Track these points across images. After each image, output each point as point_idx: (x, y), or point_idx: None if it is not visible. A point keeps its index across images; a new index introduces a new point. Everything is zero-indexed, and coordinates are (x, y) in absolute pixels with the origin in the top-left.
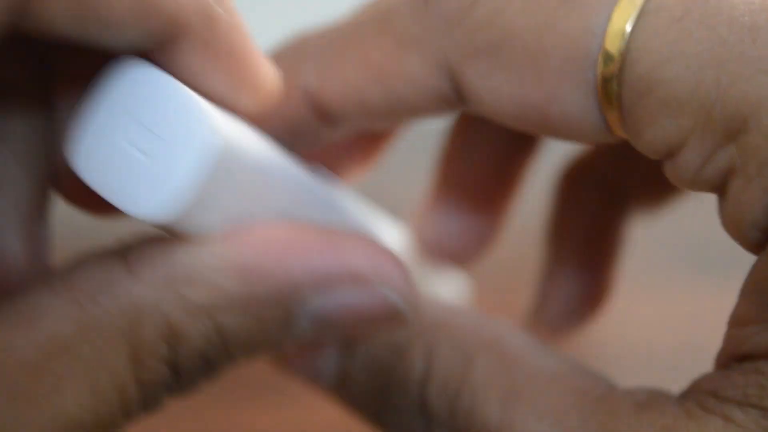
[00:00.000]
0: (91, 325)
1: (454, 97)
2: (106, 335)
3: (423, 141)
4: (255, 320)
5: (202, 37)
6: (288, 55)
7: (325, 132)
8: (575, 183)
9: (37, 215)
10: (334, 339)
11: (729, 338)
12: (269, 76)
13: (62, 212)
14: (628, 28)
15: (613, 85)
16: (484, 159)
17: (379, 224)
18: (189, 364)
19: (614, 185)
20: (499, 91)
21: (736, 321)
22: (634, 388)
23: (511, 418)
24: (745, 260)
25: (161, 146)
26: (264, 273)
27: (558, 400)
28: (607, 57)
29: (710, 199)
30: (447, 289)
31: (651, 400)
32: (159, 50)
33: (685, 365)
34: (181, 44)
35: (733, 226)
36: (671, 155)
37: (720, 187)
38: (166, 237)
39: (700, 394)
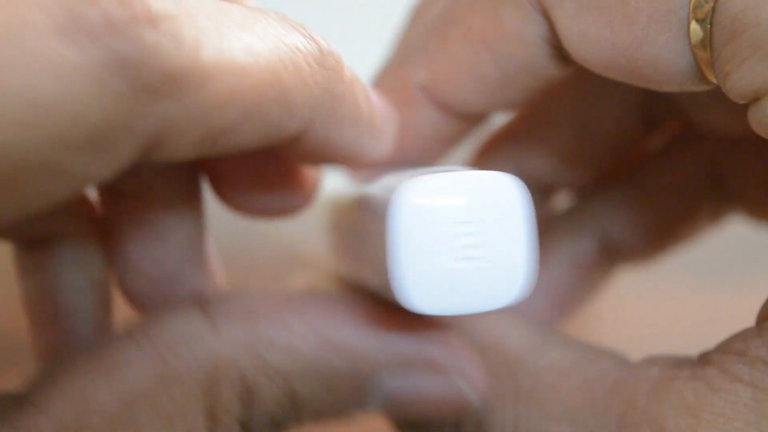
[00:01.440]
0: (171, 378)
1: (556, 40)
2: (185, 388)
3: None
4: (328, 390)
5: (330, 125)
6: (393, 60)
7: (454, 125)
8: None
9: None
10: (401, 416)
11: None
12: (391, 118)
13: None
14: None
15: (705, 24)
16: None
17: None
18: (259, 423)
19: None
20: (587, 33)
21: None
22: (645, 361)
23: (527, 426)
24: (749, 264)
25: (484, 260)
26: (345, 346)
27: (570, 398)
28: None
29: None
30: None
31: (666, 376)
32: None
33: None
34: (309, 135)
35: None
36: (758, 99)
37: None
38: (245, 292)
39: (725, 357)
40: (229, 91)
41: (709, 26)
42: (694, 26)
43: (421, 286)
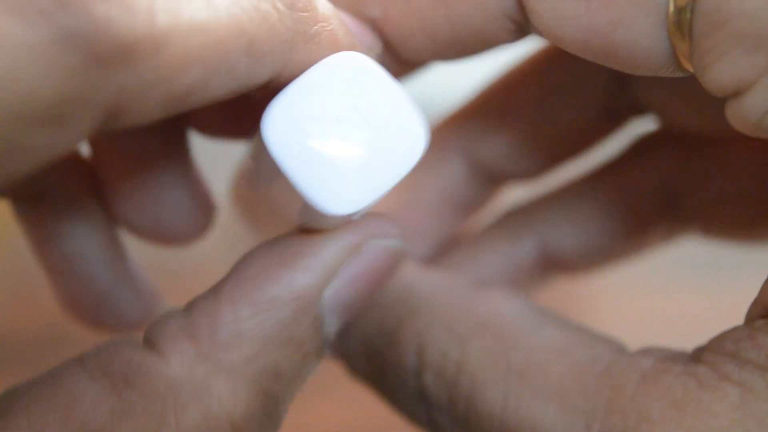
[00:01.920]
0: (126, 412)
1: (519, 17)
2: (142, 421)
3: None
4: (294, 348)
5: (306, 66)
6: None
7: (393, 65)
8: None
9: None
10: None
11: (765, 290)
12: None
13: None
14: None
15: (686, 13)
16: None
17: None
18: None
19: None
20: (562, 12)
21: None
22: (641, 352)
23: (515, 404)
24: (745, 262)
25: (373, 138)
26: (277, 302)
27: (561, 379)
28: None
29: None
30: None
31: (659, 368)
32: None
33: None
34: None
35: None
36: (738, 93)
37: None
38: (177, 310)
39: (717, 356)
40: (188, 52)
41: (689, 15)
42: (674, 13)
43: (330, 188)
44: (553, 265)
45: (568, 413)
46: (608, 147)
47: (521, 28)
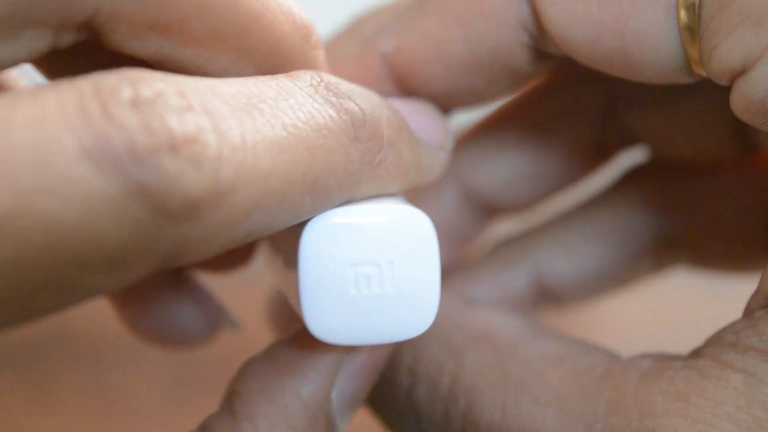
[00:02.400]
0: None
1: (533, 27)
2: None
3: None
4: None
5: (373, 189)
6: (364, 27)
7: None
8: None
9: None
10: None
11: (765, 280)
12: None
13: None
14: None
15: (695, 3)
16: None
17: None
18: None
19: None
20: (573, 10)
21: None
22: (638, 356)
23: (515, 412)
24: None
25: (388, 299)
26: (289, 410)
27: (560, 385)
28: None
29: None
30: None
31: (657, 366)
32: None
33: None
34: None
35: None
36: (745, 70)
37: None
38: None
39: (717, 348)
40: (252, 200)
41: (698, 1)
42: (683, 5)
43: (326, 314)
44: (545, 294)
45: (569, 417)
46: (600, 178)
47: (535, 41)
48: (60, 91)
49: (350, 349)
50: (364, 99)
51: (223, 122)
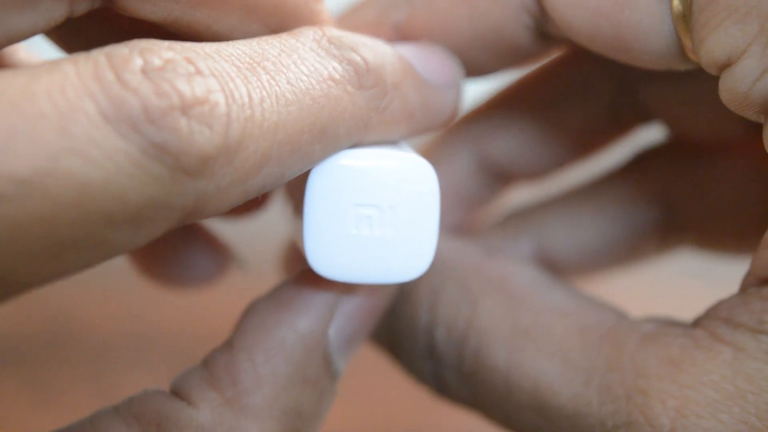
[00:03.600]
0: None
1: (536, 10)
2: None
3: None
4: (311, 386)
5: (381, 132)
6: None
7: None
8: None
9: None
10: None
11: (757, 260)
12: None
13: None
14: None
15: None
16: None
17: None
18: None
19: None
20: None
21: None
22: (644, 318)
23: (519, 359)
24: (737, 266)
25: (387, 240)
26: (286, 344)
27: (565, 338)
28: None
29: None
30: None
31: (659, 331)
32: None
33: None
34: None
35: None
36: (730, 63)
37: None
38: (198, 367)
39: (712, 321)
40: (261, 153)
41: None
42: None
43: (326, 250)
44: (547, 267)
45: (569, 370)
46: (609, 156)
47: (538, 24)
48: (77, 62)
49: (348, 289)
50: (366, 48)
51: (230, 82)
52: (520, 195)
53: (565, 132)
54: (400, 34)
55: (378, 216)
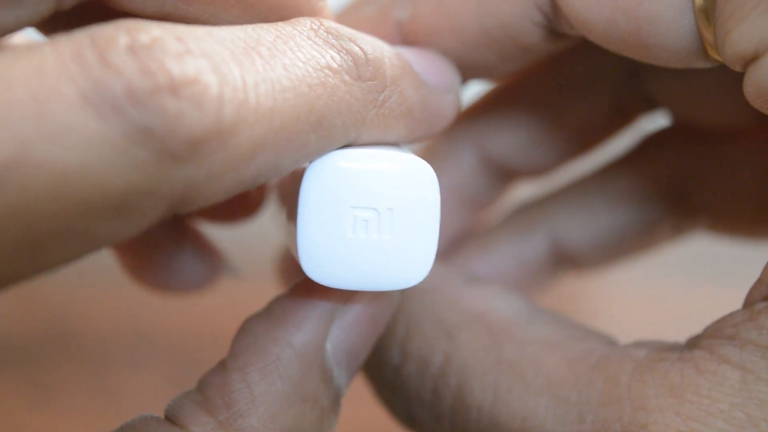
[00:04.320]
0: None
1: (547, 6)
2: None
3: None
4: (310, 404)
5: (379, 129)
6: None
7: None
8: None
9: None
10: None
11: (766, 270)
12: None
13: None
14: None
15: None
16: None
17: None
18: None
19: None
20: None
21: None
22: (634, 344)
23: (506, 397)
24: (736, 267)
25: (387, 245)
26: (282, 360)
27: (553, 371)
28: None
29: None
30: None
31: (654, 356)
32: None
33: None
34: None
35: None
36: (757, 57)
37: None
38: (193, 391)
39: (715, 341)
40: (255, 139)
41: None
42: None
43: (321, 255)
44: (563, 260)
45: (561, 405)
46: (618, 143)
47: (549, 22)
48: (57, 44)
49: (345, 299)
50: (365, 41)
51: (223, 65)
52: (530, 188)
53: (568, 126)
54: (403, 33)
55: (375, 219)
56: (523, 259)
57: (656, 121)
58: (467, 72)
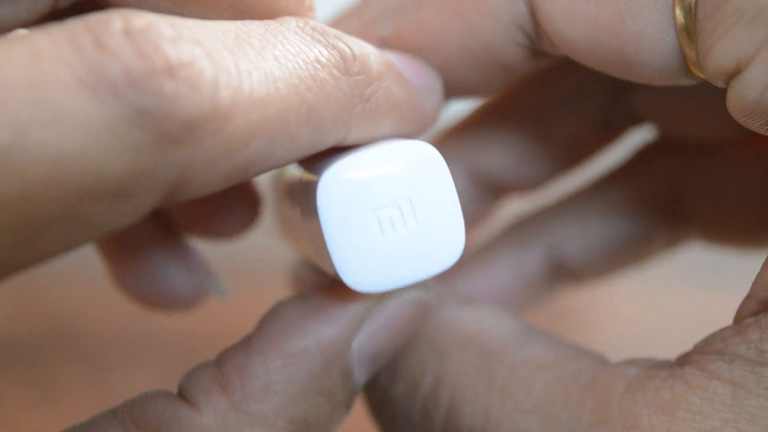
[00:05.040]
0: None
1: (530, 27)
2: None
3: None
4: (324, 398)
5: (367, 126)
6: (366, 10)
7: None
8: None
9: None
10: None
11: (758, 283)
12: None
13: None
14: None
15: (690, 2)
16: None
17: None
18: None
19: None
20: (572, 9)
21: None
22: (624, 362)
23: (498, 418)
24: (734, 270)
25: (415, 233)
26: (306, 353)
27: (544, 393)
28: None
29: None
30: None
31: (644, 374)
32: None
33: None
34: None
35: None
36: (739, 71)
37: None
38: (211, 364)
39: (704, 356)
40: (251, 125)
41: (694, 1)
42: (679, 8)
43: (359, 264)
44: (561, 273)
45: (552, 426)
46: (611, 156)
47: (531, 42)
48: (51, 31)
49: (381, 300)
50: (351, 39)
51: (215, 52)
52: (524, 203)
53: (556, 141)
54: (386, 49)
55: (398, 214)
56: (521, 273)
57: (645, 134)
58: (449, 90)
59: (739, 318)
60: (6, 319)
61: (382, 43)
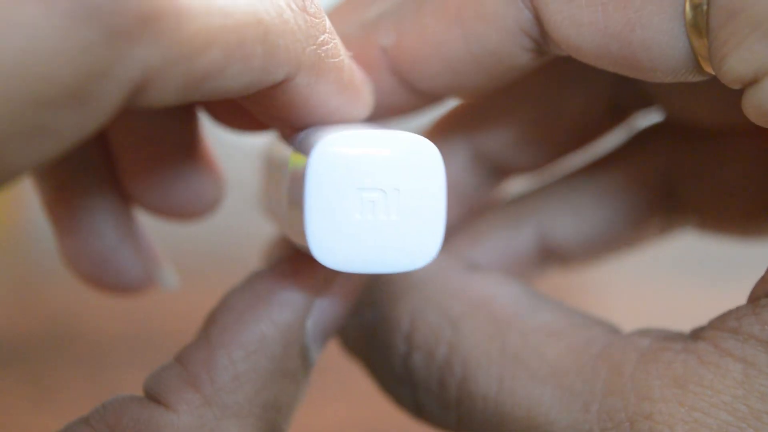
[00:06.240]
0: None
1: (536, 32)
2: None
3: None
4: (289, 379)
5: (314, 74)
6: (363, 12)
7: (406, 97)
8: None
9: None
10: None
11: None
12: (368, 90)
13: None
14: None
15: (702, 5)
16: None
17: None
18: None
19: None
20: (578, 18)
21: None
22: (637, 332)
23: (511, 386)
24: (731, 265)
25: (394, 225)
26: (266, 339)
27: (557, 361)
28: None
29: None
30: None
31: (658, 346)
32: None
33: None
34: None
35: None
36: (756, 80)
37: None
38: (178, 360)
39: (718, 333)
40: (209, 31)
41: (706, 7)
42: (690, 8)
43: (331, 240)
44: (551, 254)
45: (566, 395)
46: (607, 139)
47: (538, 46)
48: None
49: (328, 279)
50: None
51: None
52: (520, 182)
53: (562, 123)
54: (389, 59)
55: (382, 200)
56: (512, 251)
57: (647, 118)
58: (455, 94)
59: (753, 297)
60: (6, 319)
61: (385, 53)
